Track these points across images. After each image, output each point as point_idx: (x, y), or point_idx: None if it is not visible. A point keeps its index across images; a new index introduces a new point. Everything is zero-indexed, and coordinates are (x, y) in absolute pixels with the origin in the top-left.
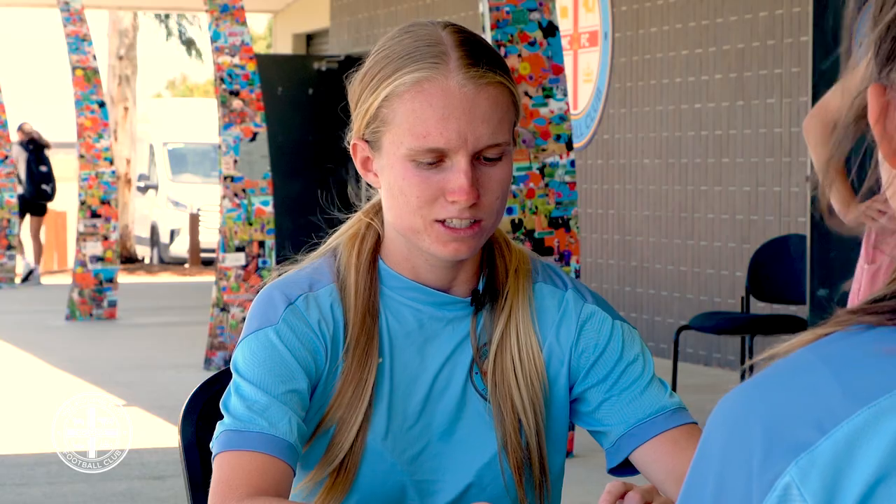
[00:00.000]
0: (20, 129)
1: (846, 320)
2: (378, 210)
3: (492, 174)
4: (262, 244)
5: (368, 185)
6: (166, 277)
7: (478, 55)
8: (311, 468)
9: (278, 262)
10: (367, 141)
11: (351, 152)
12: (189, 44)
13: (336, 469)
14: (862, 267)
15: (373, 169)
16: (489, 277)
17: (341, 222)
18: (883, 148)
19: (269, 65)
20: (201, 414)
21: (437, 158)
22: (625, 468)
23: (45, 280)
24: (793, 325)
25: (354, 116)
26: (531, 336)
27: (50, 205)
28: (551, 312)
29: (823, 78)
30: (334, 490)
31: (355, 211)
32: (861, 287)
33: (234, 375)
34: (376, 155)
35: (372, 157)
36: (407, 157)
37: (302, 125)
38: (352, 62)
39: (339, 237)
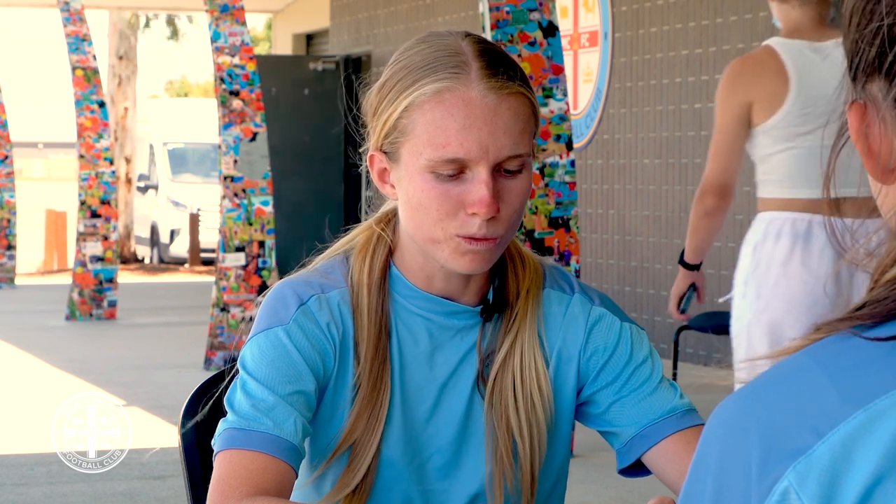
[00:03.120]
0: None
1: (833, 328)
2: (389, 220)
3: (512, 187)
4: (262, 244)
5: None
6: (166, 277)
7: (498, 65)
8: (327, 489)
9: (281, 271)
10: (384, 152)
11: (367, 163)
12: (175, 32)
13: (353, 490)
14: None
15: (390, 181)
16: (499, 288)
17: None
18: (867, 164)
19: (264, 65)
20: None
21: (457, 170)
22: (635, 469)
23: (45, 280)
24: None
25: (372, 127)
26: (536, 357)
27: (50, 205)
28: (558, 318)
29: None
30: None
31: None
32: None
33: (242, 372)
34: (394, 167)
35: (389, 168)
36: (426, 169)
37: (298, 126)
38: (348, 63)
39: (350, 242)
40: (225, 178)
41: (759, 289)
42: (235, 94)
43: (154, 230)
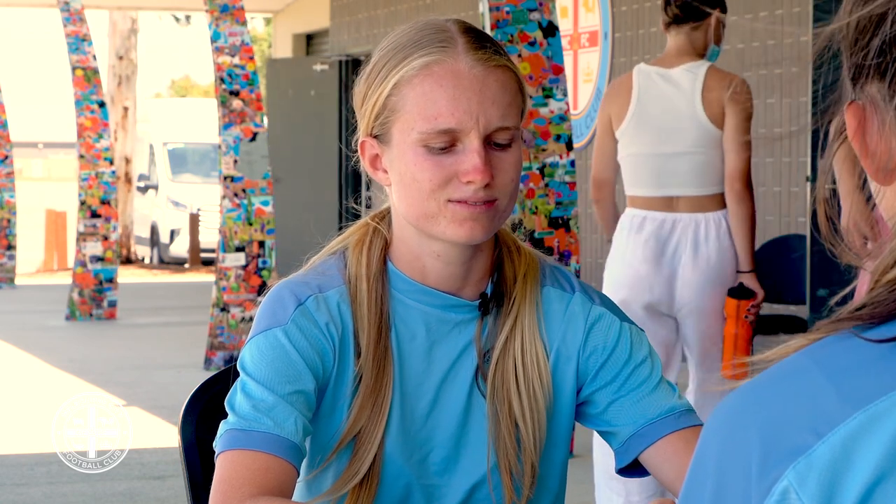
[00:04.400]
0: None
1: (833, 328)
2: (384, 216)
3: (504, 158)
4: (262, 244)
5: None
6: (166, 277)
7: (483, 40)
8: (332, 481)
9: (282, 271)
10: (375, 136)
11: (359, 152)
12: None
13: (360, 483)
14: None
15: (381, 166)
16: (497, 282)
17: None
18: (865, 164)
19: (274, 68)
20: (201, 414)
21: (449, 143)
22: (634, 468)
23: (45, 280)
24: (793, 325)
25: (361, 115)
26: (536, 342)
27: (50, 205)
28: (558, 316)
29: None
30: (360, 501)
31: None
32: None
33: (241, 374)
34: (385, 149)
35: (381, 152)
36: (418, 143)
37: (303, 126)
38: (349, 63)
39: (346, 240)
40: (225, 178)
41: (607, 269)
42: (235, 94)
43: (154, 230)
